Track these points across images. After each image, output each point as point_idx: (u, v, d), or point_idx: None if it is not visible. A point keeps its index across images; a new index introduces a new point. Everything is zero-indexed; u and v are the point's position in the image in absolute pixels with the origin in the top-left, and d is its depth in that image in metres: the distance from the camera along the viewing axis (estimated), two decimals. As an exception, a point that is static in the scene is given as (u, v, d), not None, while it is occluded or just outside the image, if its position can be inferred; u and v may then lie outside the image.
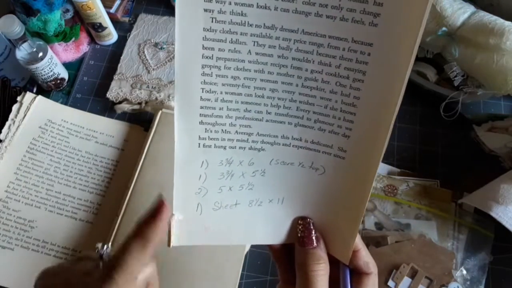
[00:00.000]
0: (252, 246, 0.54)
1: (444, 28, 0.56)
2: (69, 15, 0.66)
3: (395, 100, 0.26)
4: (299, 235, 0.31)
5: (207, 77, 0.28)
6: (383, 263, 0.49)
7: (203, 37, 0.27)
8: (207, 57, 0.27)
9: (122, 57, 0.69)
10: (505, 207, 0.48)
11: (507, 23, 0.53)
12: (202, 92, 0.28)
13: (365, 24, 0.25)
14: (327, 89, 0.28)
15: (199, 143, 0.30)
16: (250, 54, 0.27)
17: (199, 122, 0.29)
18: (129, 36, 0.71)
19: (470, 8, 0.56)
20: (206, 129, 0.30)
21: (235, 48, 0.27)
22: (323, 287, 0.29)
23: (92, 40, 0.72)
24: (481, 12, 0.56)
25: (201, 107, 0.29)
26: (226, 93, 0.29)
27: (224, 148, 0.30)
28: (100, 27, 0.68)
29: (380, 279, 0.49)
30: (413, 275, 0.49)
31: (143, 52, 0.69)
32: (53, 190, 0.58)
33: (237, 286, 0.51)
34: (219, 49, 0.27)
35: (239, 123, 0.30)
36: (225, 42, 0.27)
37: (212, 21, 0.26)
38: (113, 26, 0.70)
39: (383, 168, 0.59)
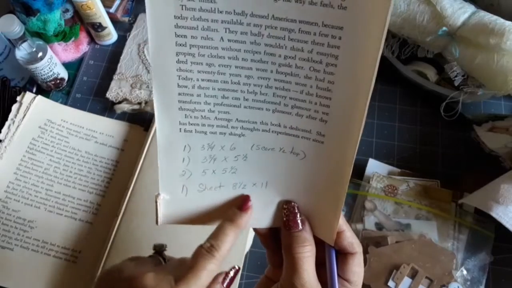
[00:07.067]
0: (252, 246, 0.54)
1: (444, 28, 0.55)
2: (68, 15, 0.65)
3: (368, 83, 0.26)
4: (284, 218, 0.32)
5: (182, 65, 0.28)
6: (383, 263, 0.49)
7: (175, 25, 0.27)
8: (180, 45, 0.28)
9: (122, 57, 0.69)
10: (505, 207, 0.48)
11: (507, 23, 0.53)
12: (179, 79, 0.29)
13: (334, 7, 0.25)
14: (301, 75, 0.28)
15: (180, 128, 0.30)
16: (223, 41, 0.27)
17: (179, 108, 0.30)
18: (129, 36, 0.71)
19: (470, 8, 0.56)
20: (185, 115, 0.30)
21: (207, 35, 0.27)
22: (309, 269, 0.29)
23: (92, 40, 0.72)
24: (481, 12, 0.56)
25: (179, 94, 0.29)
26: (203, 80, 0.29)
27: (205, 133, 0.31)
28: (99, 27, 0.68)
29: (380, 279, 0.49)
30: (413, 275, 0.49)
31: (143, 52, 0.69)
32: (53, 190, 0.58)
33: (237, 286, 0.51)
34: (191, 36, 0.27)
35: (218, 109, 0.30)
36: (197, 29, 0.27)
37: (182, 9, 0.26)
38: (113, 26, 0.70)
39: (383, 168, 0.58)
